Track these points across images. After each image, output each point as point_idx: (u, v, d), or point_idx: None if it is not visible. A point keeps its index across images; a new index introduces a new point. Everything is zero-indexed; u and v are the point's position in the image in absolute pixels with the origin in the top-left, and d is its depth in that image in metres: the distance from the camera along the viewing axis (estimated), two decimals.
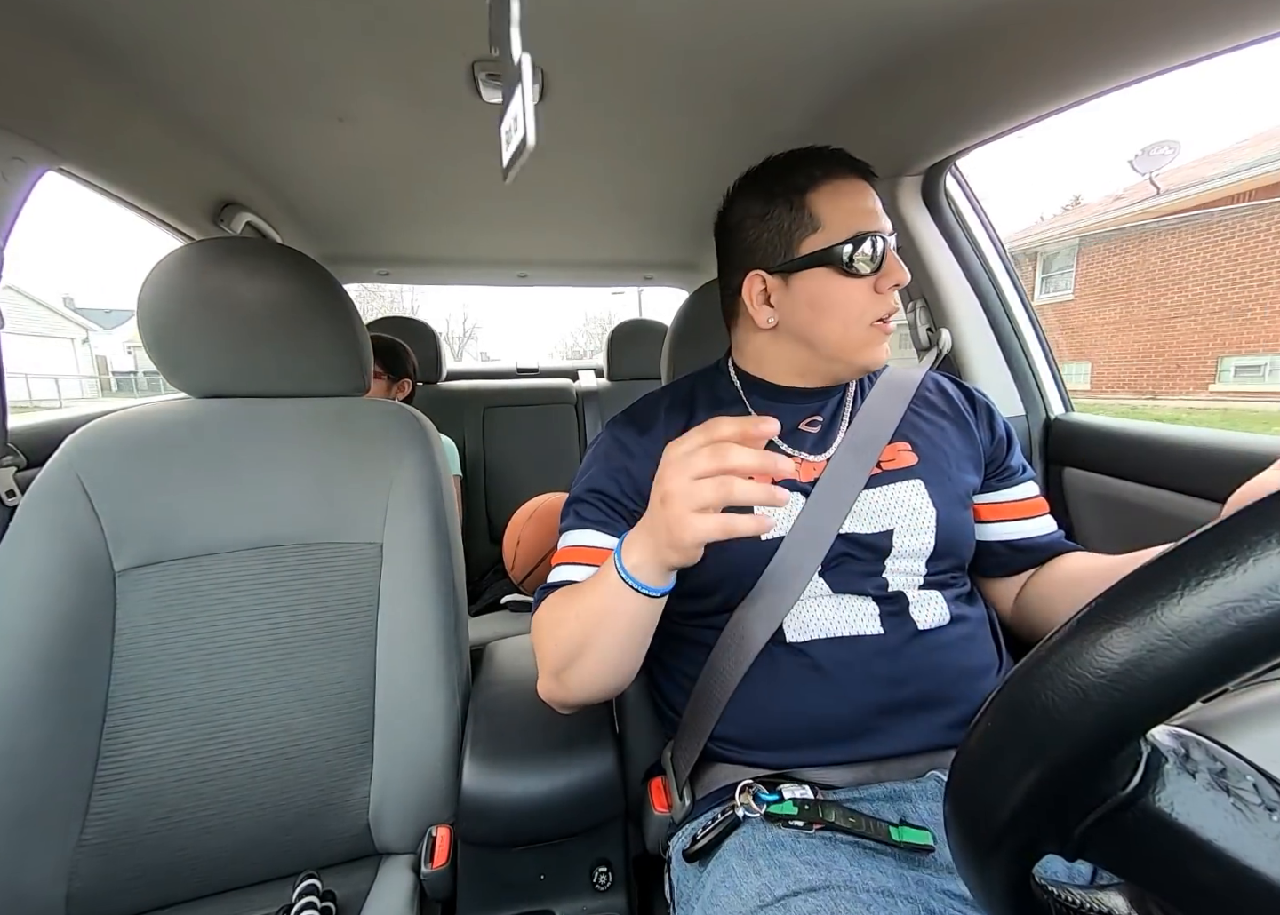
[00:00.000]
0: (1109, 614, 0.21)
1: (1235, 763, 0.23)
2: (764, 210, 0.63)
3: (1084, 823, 0.24)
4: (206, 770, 0.64)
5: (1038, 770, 0.22)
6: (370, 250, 1.67)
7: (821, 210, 0.61)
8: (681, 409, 0.69)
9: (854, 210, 0.61)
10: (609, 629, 0.53)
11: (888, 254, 0.61)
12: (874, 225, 0.60)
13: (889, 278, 0.60)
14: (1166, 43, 0.59)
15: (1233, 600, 0.19)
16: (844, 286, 0.61)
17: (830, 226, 0.60)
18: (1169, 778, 0.23)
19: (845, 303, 0.61)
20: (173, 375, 0.72)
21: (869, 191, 0.63)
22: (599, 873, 0.67)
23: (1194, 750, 0.24)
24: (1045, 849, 0.25)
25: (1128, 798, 0.23)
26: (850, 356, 0.63)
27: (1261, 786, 0.22)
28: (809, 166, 0.62)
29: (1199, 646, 0.19)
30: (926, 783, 0.55)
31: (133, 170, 0.90)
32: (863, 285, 0.61)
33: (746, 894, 0.48)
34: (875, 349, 0.63)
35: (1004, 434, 0.71)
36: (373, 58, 0.73)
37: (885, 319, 0.62)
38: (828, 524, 0.60)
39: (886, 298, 0.62)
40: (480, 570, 1.66)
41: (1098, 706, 0.21)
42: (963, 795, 0.26)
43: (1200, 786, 0.23)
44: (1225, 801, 0.22)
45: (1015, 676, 0.24)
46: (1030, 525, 0.68)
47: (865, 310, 0.61)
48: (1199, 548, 0.20)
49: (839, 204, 0.60)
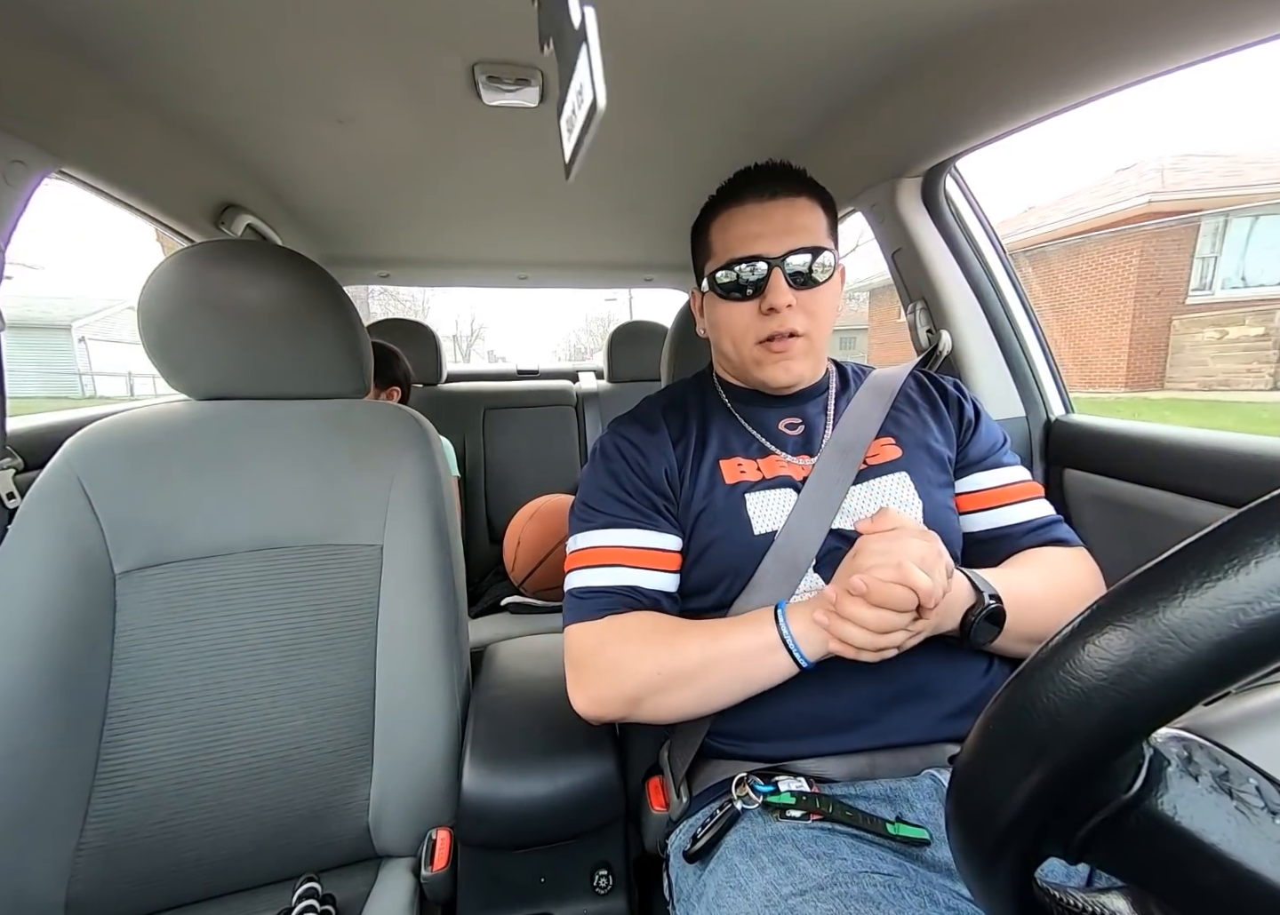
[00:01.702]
0: (1110, 616, 0.21)
1: (1238, 766, 0.23)
2: (695, 236, 0.72)
3: (1086, 826, 0.24)
4: (206, 773, 0.64)
5: (1040, 773, 0.22)
6: (370, 252, 1.67)
7: (714, 238, 0.67)
8: (677, 411, 0.72)
9: (737, 237, 0.63)
10: (739, 677, 0.55)
11: (771, 276, 0.61)
12: (753, 250, 0.62)
13: (765, 300, 0.62)
14: (1166, 44, 0.59)
15: (1234, 602, 0.19)
16: (726, 309, 0.66)
17: (717, 253, 0.66)
18: (1171, 781, 0.23)
19: (728, 324, 0.66)
20: (173, 377, 0.72)
21: (766, 213, 0.62)
22: (599, 875, 0.66)
23: (1196, 753, 0.24)
24: (1048, 852, 0.24)
25: (1130, 801, 0.23)
26: (749, 372, 0.68)
27: (1265, 790, 0.22)
28: (721, 194, 0.67)
29: (1200, 649, 0.19)
30: (922, 782, 0.56)
31: (134, 173, 0.91)
32: (746, 308, 0.64)
33: (753, 894, 0.47)
34: (767, 368, 0.66)
35: (971, 419, 0.71)
36: (373, 60, 0.74)
37: (770, 339, 0.63)
38: (819, 519, 0.61)
39: (768, 320, 0.63)
40: (480, 572, 1.65)
41: (1099, 709, 0.21)
42: (965, 798, 0.26)
43: (1203, 790, 0.23)
44: (1228, 805, 0.22)
45: (1017, 679, 0.24)
46: (1013, 511, 0.66)
47: (748, 331, 0.65)
48: (1200, 550, 0.20)
49: (725, 232, 0.65)
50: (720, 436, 0.68)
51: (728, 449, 0.67)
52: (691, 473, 0.66)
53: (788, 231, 0.62)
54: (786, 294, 0.61)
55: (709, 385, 0.75)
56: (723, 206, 0.66)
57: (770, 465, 0.66)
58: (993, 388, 1.02)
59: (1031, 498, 0.67)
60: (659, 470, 0.65)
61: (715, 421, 0.70)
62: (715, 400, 0.73)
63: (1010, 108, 0.75)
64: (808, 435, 0.68)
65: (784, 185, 0.64)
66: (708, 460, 0.66)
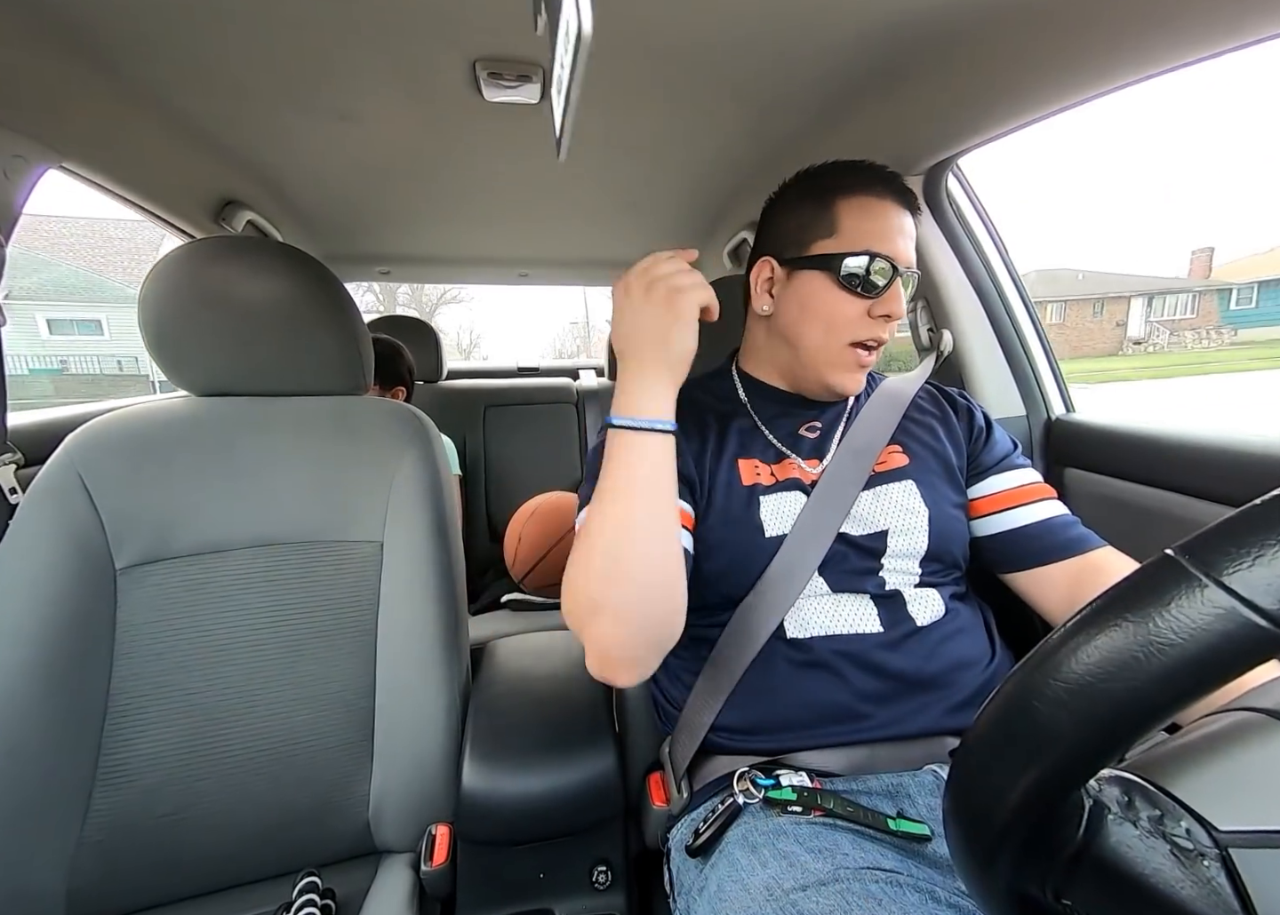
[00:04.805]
0: (1027, 683, 0.24)
1: (1171, 807, 0.23)
2: (796, 202, 0.65)
3: (1053, 868, 0.24)
4: (207, 768, 0.64)
5: (1007, 811, 0.24)
6: (371, 249, 1.67)
7: (843, 218, 0.61)
8: (691, 405, 0.67)
9: (874, 230, 0.60)
10: (638, 495, 0.50)
11: (893, 284, 0.60)
12: (888, 249, 0.60)
13: (883, 305, 0.60)
14: (1167, 43, 0.59)
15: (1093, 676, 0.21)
16: (836, 297, 0.61)
17: (844, 235, 0.61)
18: (1112, 827, 0.24)
19: (830, 313, 0.62)
20: (174, 373, 0.72)
21: (902, 222, 0.62)
22: (598, 871, 0.67)
23: (1136, 797, 0.24)
24: (1031, 891, 0.25)
25: (1081, 844, 0.24)
26: (821, 371, 0.64)
27: (1194, 831, 0.22)
28: (854, 176, 0.63)
29: (1082, 715, 0.21)
30: (924, 777, 0.56)
31: (134, 169, 0.90)
32: (855, 303, 0.61)
33: (754, 888, 0.48)
34: (846, 373, 0.64)
35: (983, 426, 0.71)
36: (374, 56, 0.73)
37: (865, 344, 0.62)
38: (828, 523, 0.61)
39: (875, 325, 0.61)
40: (481, 569, 1.65)
41: (1038, 766, 0.22)
42: (961, 795, 0.26)
43: (1140, 834, 0.23)
44: (1164, 848, 0.22)
45: (1013, 677, 0.24)
46: (1030, 511, 0.66)
47: (848, 327, 0.61)
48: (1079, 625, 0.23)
49: (862, 218, 0.61)
50: (739, 436, 0.67)
51: (745, 449, 0.66)
52: (711, 465, 0.64)
53: (910, 248, 0.62)
54: (904, 306, 0.61)
55: (727, 383, 0.72)
56: (859, 190, 0.61)
57: (783, 469, 0.65)
58: (994, 386, 1.02)
59: (1046, 498, 0.67)
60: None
61: (733, 421, 0.68)
62: (732, 400, 0.70)
63: (1012, 106, 0.74)
64: (822, 439, 0.68)
65: (911, 201, 0.63)
66: (726, 456, 0.65)
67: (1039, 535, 0.65)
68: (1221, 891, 0.21)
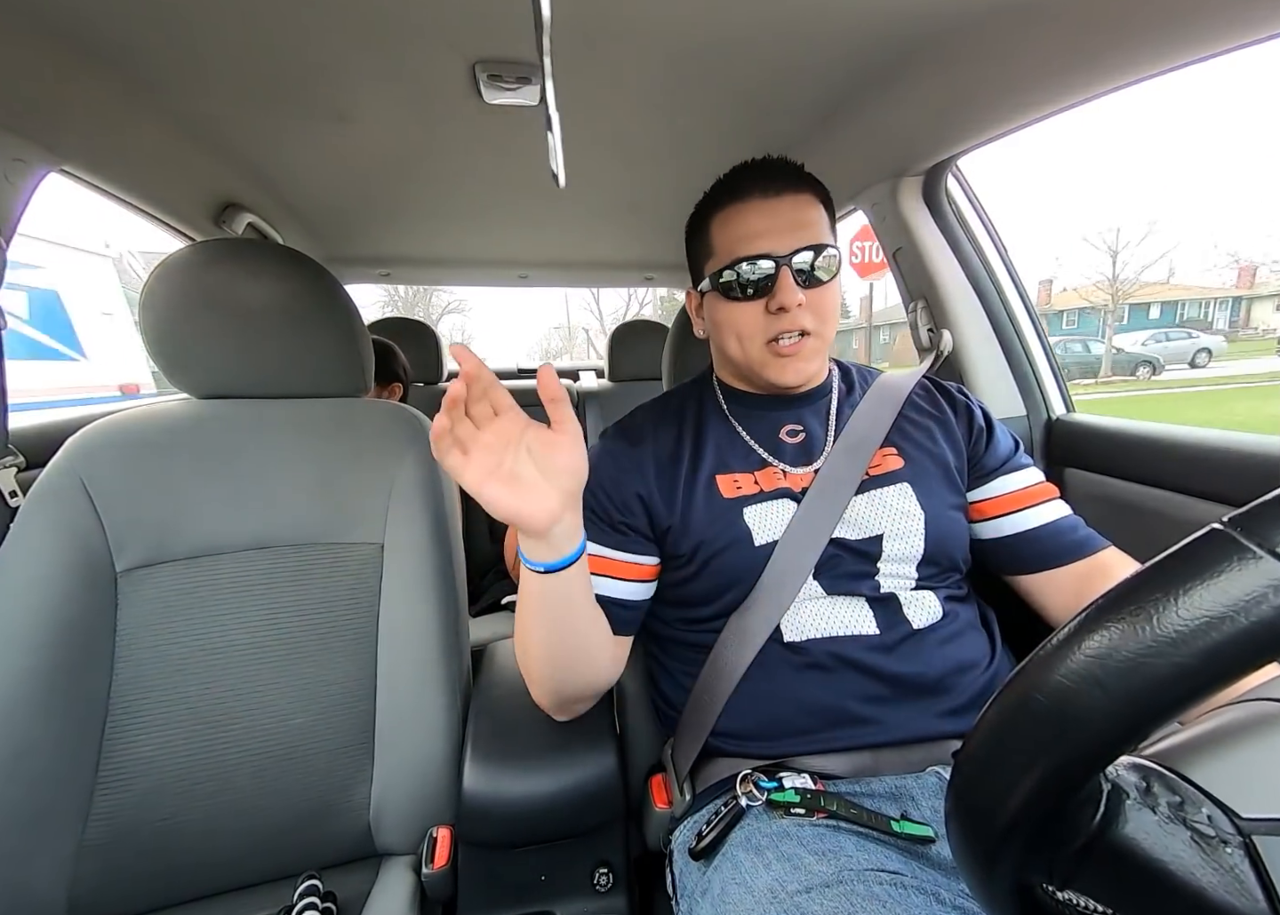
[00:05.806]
0: (1055, 661, 0.23)
1: (1192, 794, 0.23)
2: (690, 235, 0.70)
3: (1060, 858, 0.24)
4: (208, 771, 0.64)
5: (1014, 806, 0.23)
6: (371, 251, 1.67)
7: (715, 235, 0.64)
8: (671, 422, 0.70)
9: (738, 236, 0.61)
10: (532, 613, 0.56)
11: (779, 275, 0.60)
12: (760, 248, 0.60)
13: (774, 300, 0.60)
14: (1166, 43, 0.59)
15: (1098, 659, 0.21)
16: (731, 309, 0.63)
17: (719, 252, 0.63)
18: (1130, 813, 0.23)
19: (735, 323, 0.64)
20: (174, 376, 0.72)
21: (774, 208, 0.61)
22: (600, 873, 0.66)
23: (1154, 783, 0.24)
24: (1035, 880, 0.25)
25: (1096, 832, 0.23)
26: (756, 372, 0.65)
27: (1216, 818, 0.22)
28: (721, 188, 0.65)
29: (1119, 693, 0.21)
30: (927, 779, 0.56)
31: (134, 171, 0.90)
32: (751, 308, 0.62)
33: (758, 890, 0.47)
34: (775, 369, 0.64)
35: (983, 425, 0.70)
36: (375, 58, 0.74)
37: (776, 340, 0.62)
38: (820, 528, 0.61)
39: (779, 320, 0.61)
40: (481, 571, 1.65)
41: (1053, 754, 0.22)
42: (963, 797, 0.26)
43: (1159, 820, 0.23)
44: (1184, 835, 0.22)
45: (1016, 677, 0.24)
46: (1037, 513, 0.66)
47: (755, 332, 0.63)
48: (1097, 613, 0.22)
49: (725, 229, 0.63)
50: (716, 451, 0.67)
51: (724, 465, 0.66)
52: (686, 488, 0.64)
53: (794, 228, 0.60)
54: (796, 293, 0.59)
55: (708, 391, 0.73)
56: (724, 203, 0.63)
57: (768, 477, 0.64)
58: (994, 387, 1.02)
59: (1051, 499, 0.67)
60: (629, 491, 0.64)
61: (711, 434, 0.68)
62: (713, 408, 0.71)
63: (1012, 106, 0.75)
64: (808, 444, 0.67)
65: (788, 181, 0.62)
66: (703, 475, 0.65)
67: (1046, 538, 0.65)
68: (1244, 879, 0.21)
